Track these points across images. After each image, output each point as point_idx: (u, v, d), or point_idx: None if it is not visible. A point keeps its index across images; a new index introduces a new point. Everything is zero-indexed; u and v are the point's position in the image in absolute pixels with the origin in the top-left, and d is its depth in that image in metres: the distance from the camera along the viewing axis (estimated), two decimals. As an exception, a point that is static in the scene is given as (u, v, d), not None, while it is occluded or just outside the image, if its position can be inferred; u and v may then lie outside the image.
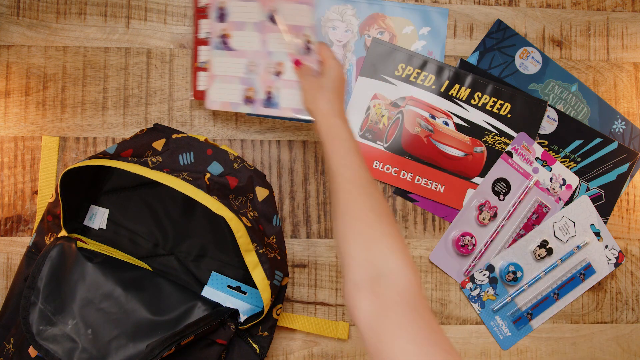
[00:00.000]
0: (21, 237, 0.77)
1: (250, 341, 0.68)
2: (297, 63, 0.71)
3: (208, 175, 0.66)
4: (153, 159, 0.67)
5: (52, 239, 0.68)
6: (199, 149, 0.69)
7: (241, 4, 0.73)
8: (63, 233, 0.67)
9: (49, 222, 0.70)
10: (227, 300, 0.70)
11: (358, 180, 0.56)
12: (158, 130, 0.72)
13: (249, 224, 0.64)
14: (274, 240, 0.70)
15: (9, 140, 0.78)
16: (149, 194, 0.73)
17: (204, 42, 0.77)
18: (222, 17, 0.74)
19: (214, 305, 0.65)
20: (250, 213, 0.68)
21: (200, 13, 0.77)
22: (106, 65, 0.79)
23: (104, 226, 0.73)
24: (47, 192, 0.77)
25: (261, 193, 0.70)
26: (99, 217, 0.73)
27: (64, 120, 0.78)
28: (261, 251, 0.64)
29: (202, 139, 0.70)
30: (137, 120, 0.79)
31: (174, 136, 0.70)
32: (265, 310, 0.65)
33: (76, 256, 0.63)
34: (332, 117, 0.63)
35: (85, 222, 0.73)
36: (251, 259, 0.64)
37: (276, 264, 0.67)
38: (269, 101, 0.74)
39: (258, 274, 0.64)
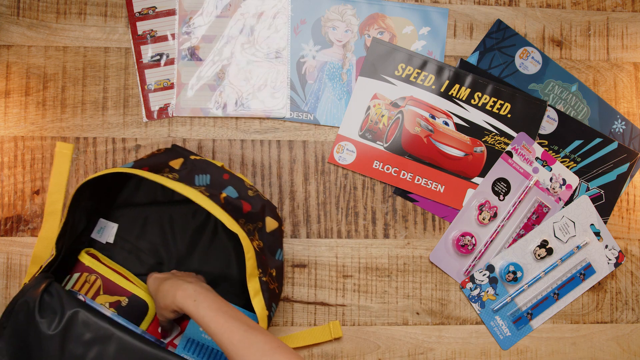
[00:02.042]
0: (21, 237, 0.77)
1: None
2: None
3: (224, 195, 0.65)
4: (170, 175, 0.66)
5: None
6: (215, 173, 0.69)
7: (211, 19, 0.76)
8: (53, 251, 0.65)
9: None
10: (202, 350, 0.69)
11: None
12: (176, 151, 0.72)
13: (257, 249, 0.64)
14: (274, 273, 0.70)
15: (9, 140, 0.78)
16: (160, 213, 0.73)
17: (148, 66, 0.79)
18: (190, 32, 0.77)
19: None
20: (256, 242, 0.67)
21: (135, 22, 0.78)
22: (106, 65, 0.79)
23: (111, 240, 0.72)
24: (56, 197, 0.77)
25: (270, 224, 0.70)
26: (107, 231, 0.72)
27: (64, 120, 0.78)
28: (264, 279, 0.64)
29: (219, 164, 0.70)
30: (137, 120, 0.79)
31: (192, 157, 0.70)
32: None
33: (34, 321, 0.58)
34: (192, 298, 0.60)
35: (93, 235, 0.72)
36: (254, 286, 0.63)
37: (274, 296, 0.66)
38: (239, 104, 0.77)
39: (258, 302, 0.63)
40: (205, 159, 0.70)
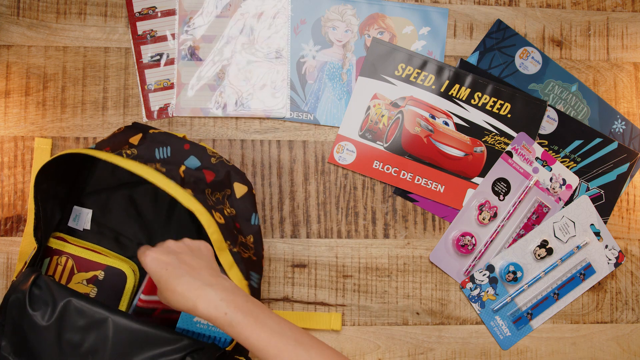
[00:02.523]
0: (21, 237, 0.77)
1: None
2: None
3: (183, 167, 0.63)
4: (128, 151, 0.64)
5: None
6: (176, 144, 0.67)
7: (211, 19, 0.76)
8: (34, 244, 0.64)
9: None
10: None
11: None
12: (136, 128, 0.71)
13: (221, 221, 0.61)
14: (251, 240, 0.67)
15: (9, 140, 0.78)
16: (132, 194, 0.73)
17: (148, 66, 0.79)
18: (191, 31, 0.77)
19: (190, 350, 0.57)
20: (227, 210, 0.65)
21: (135, 22, 0.78)
22: (106, 65, 0.79)
23: (88, 227, 0.72)
24: None
25: (239, 190, 0.67)
26: (82, 218, 0.72)
27: (64, 120, 0.78)
28: (235, 250, 0.61)
29: (180, 135, 0.69)
30: (137, 120, 0.79)
31: (151, 131, 0.69)
32: None
33: (26, 313, 0.58)
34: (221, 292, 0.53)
35: (70, 224, 0.72)
36: (226, 259, 0.60)
37: (251, 264, 0.64)
38: (239, 104, 0.77)
39: (235, 274, 0.60)
40: (166, 132, 0.69)
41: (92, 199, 0.73)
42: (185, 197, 0.59)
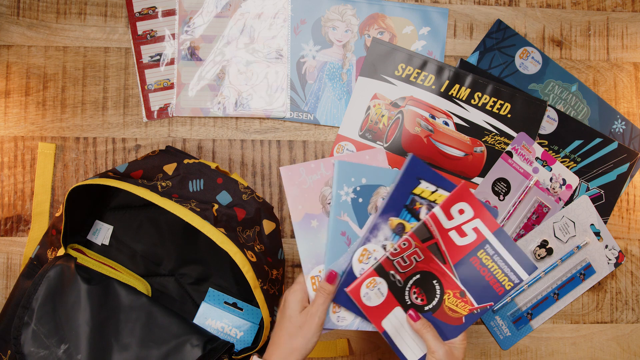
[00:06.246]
0: (21, 237, 0.77)
1: None
2: (416, 317, 0.63)
3: (216, 206, 0.65)
4: (163, 183, 0.67)
5: (54, 253, 0.68)
6: (209, 177, 0.69)
7: (211, 19, 0.77)
8: (62, 251, 0.66)
9: (52, 236, 0.69)
10: (224, 316, 0.70)
11: None
12: (170, 153, 0.71)
13: (253, 259, 0.64)
14: (280, 273, 0.70)
15: (9, 140, 0.78)
16: (156, 215, 0.73)
17: (148, 66, 0.79)
18: (191, 31, 0.78)
19: (208, 338, 0.63)
20: (257, 246, 0.67)
21: (135, 22, 0.78)
22: (106, 65, 0.79)
23: (106, 242, 0.72)
24: (42, 198, 0.77)
25: (268, 226, 0.70)
26: (102, 233, 0.72)
27: (64, 120, 0.78)
28: (265, 287, 0.64)
29: (213, 165, 0.69)
30: (137, 120, 0.79)
31: (185, 161, 0.69)
32: (261, 343, 0.65)
33: (74, 278, 0.62)
34: None
35: (89, 237, 0.72)
36: (259, 297, 0.63)
37: (274, 300, 0.67)
38: (239, 104, 0.78)
39: (264, 312, 0.63)
40: (200, 161, 0.70)
41: (115, 215, 0.73)
42: (219, 238, 0.62)
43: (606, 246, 0.83)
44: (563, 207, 0.83)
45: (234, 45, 0.80)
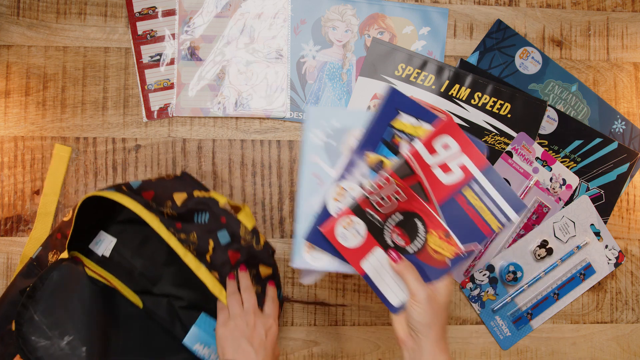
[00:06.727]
0: (21, 237, 0.77)
1: None
2: (397, 258, 0.60)
3: (210, 252, 0.66)
4: (169, 212, 0.67)
5: (55, 257, 0.67)
6: (214, 214, 0.68)
7: (211, 19, 0.77)
8: (65, 254, 0.66)
9: (57, 239, 0.69)
10: (213, 343, 0.69)
11: None
12: (183, 181, 0.71)
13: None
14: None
15: (9, 140, 0.78)
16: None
17: (148, 66, 0.79)
18: (190, 31, 0.78)
19: None
20: (254, 287, 0.68)
21: (135, 22, 0.78)
22: (106, 65, 0.79)
23: (107, 254, 0.71)
24: (49, 199, 0.77)
25: (264, 271, 0.70)
26: (104, 245, 0.71)
27: (64, 120, 0.78)
28: None
29: (222, 201, 0.69)
30: (137, 120, 0.79)
31: (195, 193, 0.69)
32: None
33: (81, 278, 0.62)
34: (443, 353, 0.57)
35: (91, 246, 0.72)
36: None
37: None
38: (239, 104, 0.78)
39: None
40: (210, 196, 0.69)
41: (120, 227, 0.72)
42: (211, 283, 0.64)
43: (606, 246, 0.83)
44: (563, 207, 0.83)
45: (234, 45, 0.80)
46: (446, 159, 0.59)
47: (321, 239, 0.59)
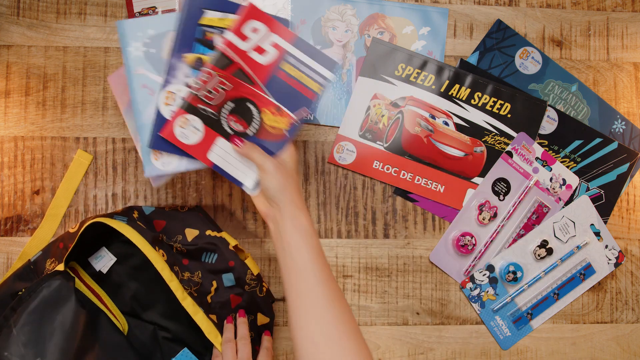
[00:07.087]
0: (21, 237, 0.77)
1: None
2: (239, 142, 0.65)
3: (212, 294, 0.66)
4: (178, 246, 0.68)
5: (52, 265, 0.66)
6: (223, 256, 0.69)
7: None
8: (61, 267, 0.65)
9: (58, 248, 0.68)
10: None
11: (322, 278, 0.59)
12: (197, 216, 0.71)
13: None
14: None
15: (9, 140, 0.78)
16: None
17: None
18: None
19: None
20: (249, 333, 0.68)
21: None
22: (106, 65, 0.79)
23: (104, 271, 0.70)
24: (61, 202, 0.77)
25: (261, 319, 0.71)
26: (104, 262, 0.70)
27: (64, 120, 0.78)
28: None
29: (232, 243, 0.69)
30: (137, 120, 0.79)
31: (207, 233, 0.70)
32: None
33: (69, 297, 0.61)
34: (301, 211, 0.62)
35: (90, 259, 0.70)
36: None
37: None
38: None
39: None
40: (221, 236, 0.69)
41: (122, 246, 0.70)
42: (208, 328, 0.63)
43: (606, 246, 0.83)
44: (563, 207, 0.83)
45: None
46: (258, 41, 0.64)
47: (164, 143, 0.64)
